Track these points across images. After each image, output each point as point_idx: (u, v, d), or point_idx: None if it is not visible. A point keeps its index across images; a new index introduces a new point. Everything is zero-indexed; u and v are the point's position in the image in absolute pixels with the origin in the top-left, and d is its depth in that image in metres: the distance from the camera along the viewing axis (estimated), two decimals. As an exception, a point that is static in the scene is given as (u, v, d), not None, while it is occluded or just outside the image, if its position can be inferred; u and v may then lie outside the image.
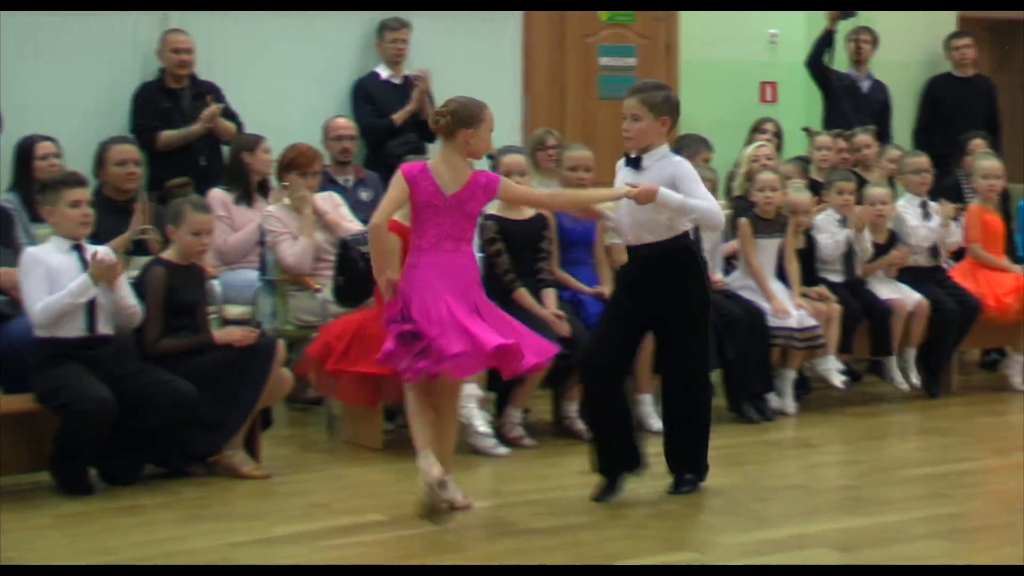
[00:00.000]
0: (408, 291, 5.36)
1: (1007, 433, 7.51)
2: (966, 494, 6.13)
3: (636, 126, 5.63)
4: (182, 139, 8.23)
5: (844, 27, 10.35)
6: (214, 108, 8.24)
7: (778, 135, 9.21)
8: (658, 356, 6.17)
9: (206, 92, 8.36)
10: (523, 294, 6.86)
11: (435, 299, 5.32)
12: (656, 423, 7.10)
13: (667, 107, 5.67)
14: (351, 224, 7.60)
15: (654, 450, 5.96)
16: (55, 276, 5.90)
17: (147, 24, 8.47)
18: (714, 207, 5.69)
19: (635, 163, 5.65)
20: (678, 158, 5.70)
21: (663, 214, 5.55)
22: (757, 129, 9.18)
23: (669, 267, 5.67)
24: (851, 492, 6.15)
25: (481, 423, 6.51)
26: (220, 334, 6.26)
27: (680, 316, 5.74)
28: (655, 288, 5.67)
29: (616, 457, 5.79)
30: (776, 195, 7.68)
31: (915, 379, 8.11)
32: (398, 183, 5.44)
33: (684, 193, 5.55)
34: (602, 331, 5.85)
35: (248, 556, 5.05)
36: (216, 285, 7.30)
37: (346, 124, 8.60)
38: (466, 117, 5.38)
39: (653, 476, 6.26)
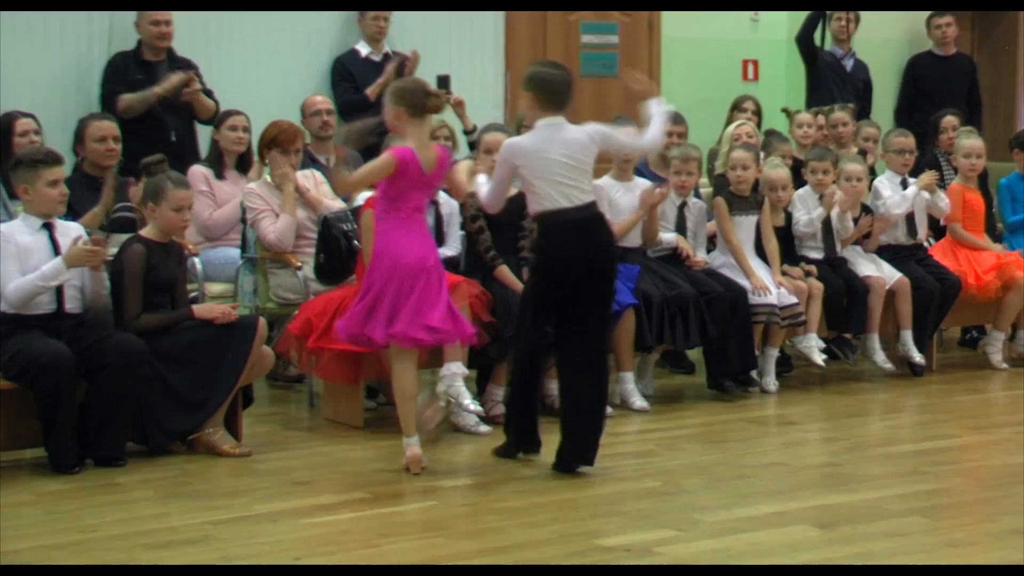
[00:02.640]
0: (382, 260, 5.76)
1: (986, 410, 7.56)
2: (945, 471, 6.17)
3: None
4: (142, 103, 8.11)
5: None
6: (196, 87, 8.19)
7: (758, 113, 9.20)
8: (556, 331, 5.97)
9: (183, 68, 8.30)
10: (504, 271, 6.87)
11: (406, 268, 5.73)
12: (639, 401, 7.13)
13: (530, 83, 5.87)
14: (333, 202, 7.58)
15: (624, 429, 5.97)
16: (25, 255, 5.89)
17: (125, -1, 8.44)
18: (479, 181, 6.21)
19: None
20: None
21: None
22: (737, 107, 9.17)
23: (578, 235, 5.72)
24: (831, 469, 6.18)
25: (470, 400, 6.47)
26: (200, 309, 6.25)
27: (582, 290, 5.74)
28: (562, 258, 5.73)
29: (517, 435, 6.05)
30: (748, 173, 7.69)
31: (918, 358, 8.10)
32: (388, 164, 5.71)
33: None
34: (522, 308, 6.00)
35: (228, 534, 5.05)
36: (197, 263, 7.29)
37: (323, 100, 8.58)
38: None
39: (634, 454, 6.29)
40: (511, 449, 6.06)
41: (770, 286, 7.53)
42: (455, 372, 6.26)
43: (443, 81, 8.63)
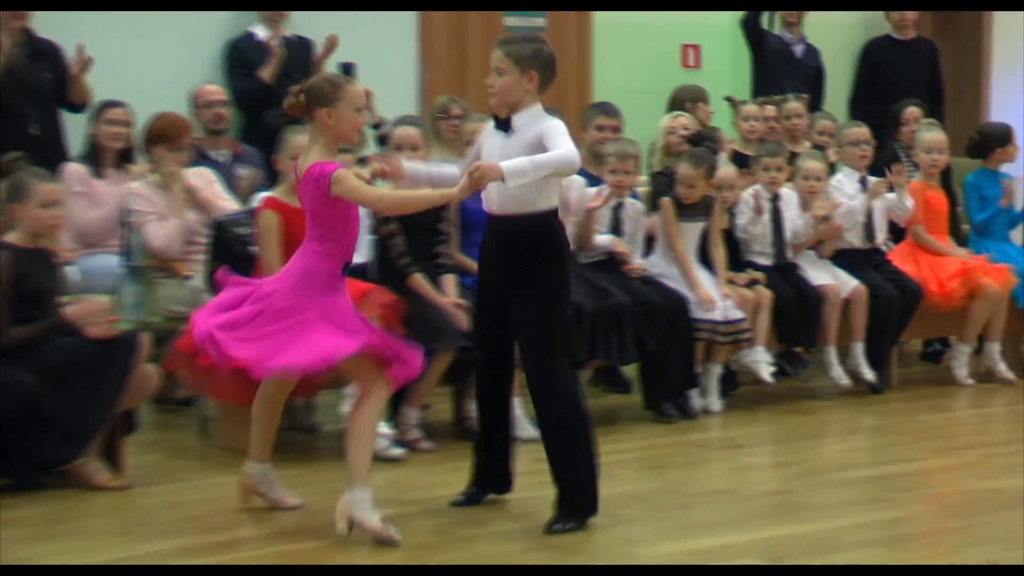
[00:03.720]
0: None
1: (951, 431, 7.64)
2: (906, 498, 6.23)
3: (500, 81, 5.58)
4: None
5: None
6: (86, 59, 8.04)
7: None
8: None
9: (46, 52, 8.14)
10: (419, 280, 6.85)
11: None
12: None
13: (536, 62, 5.54)
14: (226, 203, 7.53)
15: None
16: None
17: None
18: (566, 153, 5.42)
19: (505, 125, 5.58)
20: (552, 118, 5.56)
21: (519, 181, 5.32)
22: (679, 102, 9.16)
23: (528, 245, 5.54)
24: (782, 497, 6.21)
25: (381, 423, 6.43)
26: (72, 310, 6.12)
27: (524, 304, 5.56)
28: (508, 267, 5.58)
29: (482, 471, 5.89)
30: (695, 191, 7.70)
31: (869, 375, 8.18)
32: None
33: (550, 151, 5.42)
34: (475, 321, 5.90)
35: (108, 577, 4.99)
36: (73, 271, 7.20)
37: (216, 90, 8.51)
38: (321, 95, 5.35)
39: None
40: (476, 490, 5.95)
41: (716, 298, 7.57)
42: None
43: (347, 69, 8.60)
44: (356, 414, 5.45)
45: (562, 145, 5.40)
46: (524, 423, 6.87)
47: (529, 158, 5.34)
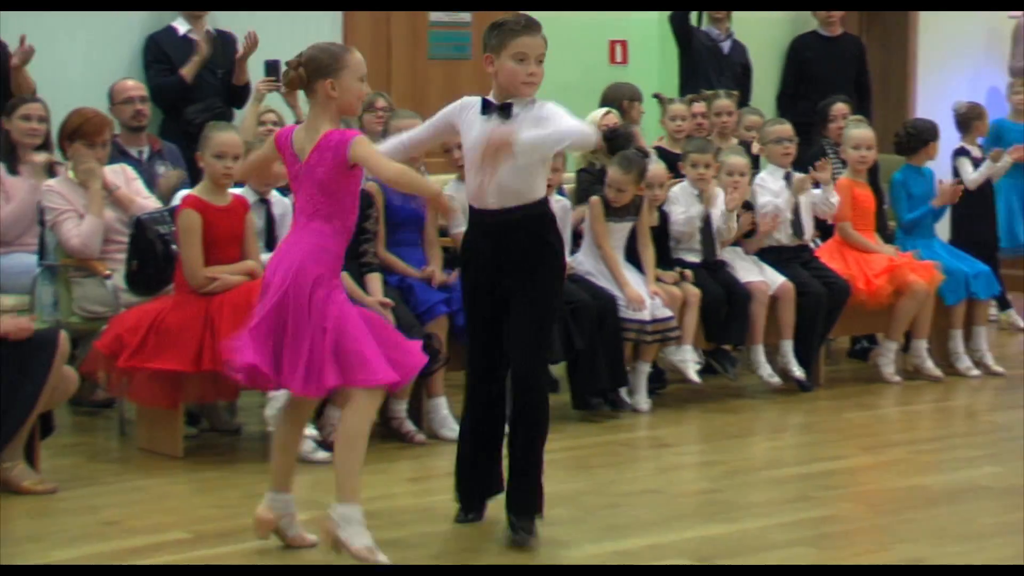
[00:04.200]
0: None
1: (878, 428, 7.71)
2: (834, 496, 6.27)
3: (541, 69, 5.43)
4: None
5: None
6: (26, 49, 7.95)
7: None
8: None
9: None
10: (344, 279, 6.80)
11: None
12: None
13: None
14: (146, 201, 7.47)
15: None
16: None
17: None
18: (584, 126, 5.49)
19: (506, 111, 5.42)
20: (549, 102, 5.46)
21: (533, 157, 5.30)
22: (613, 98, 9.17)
23: (532, 235, 5.43)
24: (710, 496, 6.25)
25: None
26: (-8, 328, 6.08)
27: (529, 296, 5.44)
28: (510, 261, 5.47)
29: (477, 479, 5.67)
30: (625, 195, 7.71)
31: (798, 373, 8.23)
32: (268, 144, 5.39)
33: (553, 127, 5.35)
34: (471, 329, 5.65)
35: (25, 583, 4.93)
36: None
37: (136, 85, 8.42)
38: (323, 65, 5.12)
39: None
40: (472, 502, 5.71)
41: (644, 297, 7.59)
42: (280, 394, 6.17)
43: (271, 68, 8.55)
44: (343, 422, 5.17)
45: (573, 121, 5.38)
46: (450, 422, 6.88)
47: (545, 132, 5.28)
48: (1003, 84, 11.24)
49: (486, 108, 5.44)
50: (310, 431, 6.45)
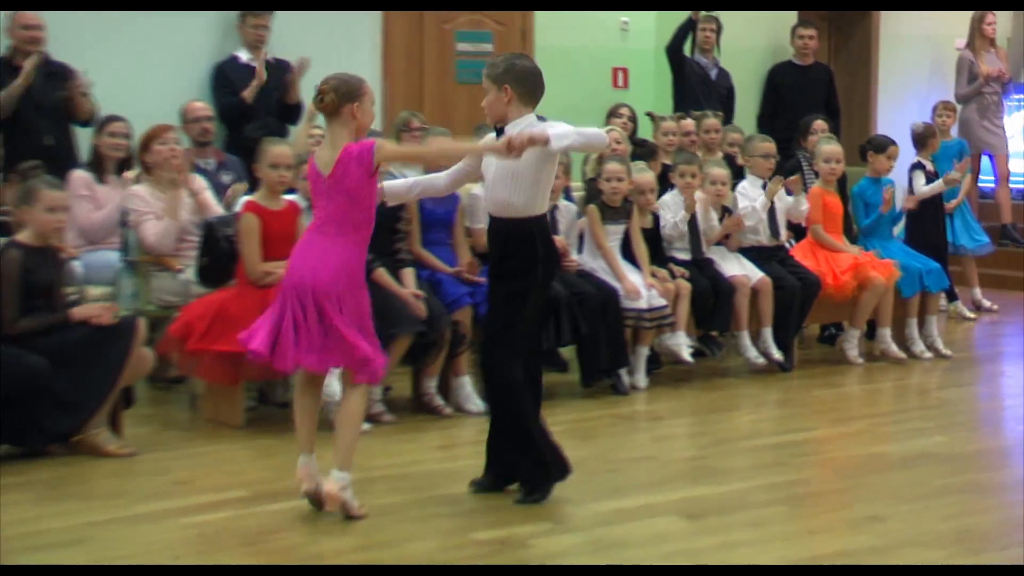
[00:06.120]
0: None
1: (843, 404, 7.70)
2: (804, 462, 6.27)
3: (486, 100, 5.45)
4: (7, 99, 7.87)
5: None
6: (84, 84, 7.99)
7: (633, 119, 9.29)
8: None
9: (58, 73, 8.10)
10: (381, 274, 6.82)
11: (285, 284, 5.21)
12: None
13: (508, 76, 5.39)
14: (216, 207, 7.50)
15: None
16: None
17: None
18: (600, 131, 5.54)
19: (498, 134, 5.41)
20: (551, 121, 5.40)
21: (563, 144, 5.23)
22: (613, 114, 9.23)
23: (507, 247, 5.39)
24: (698, 462, 6.25)
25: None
26: (78, 310, 6.10)
27: (496, 298, 5.44)
28: (494, 263, 5.49)
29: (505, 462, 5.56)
30: (622, 184, 7.72)
31: (777, 355, 8.21)
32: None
33: None
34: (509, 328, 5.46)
35: (106, 535, 4.95)
36: (77, 266, 7.14)
37: (203, 106, 8.47)
38: (349, 91, 5.15)
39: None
40: (547, 480, 5.49)
41: (641, 289, 7.59)
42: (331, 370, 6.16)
43: None
44: (344, 400, 5.23)
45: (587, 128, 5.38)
46: (474, 398, 6.90)
47: (575, 128, 5.27)
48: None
49: (496, 133, 5.48)
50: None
